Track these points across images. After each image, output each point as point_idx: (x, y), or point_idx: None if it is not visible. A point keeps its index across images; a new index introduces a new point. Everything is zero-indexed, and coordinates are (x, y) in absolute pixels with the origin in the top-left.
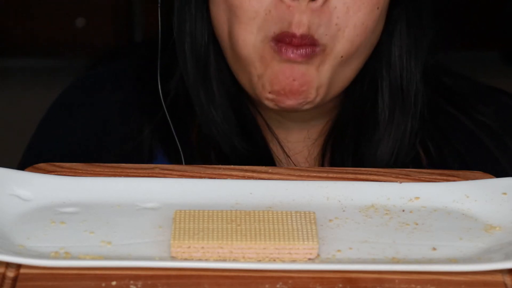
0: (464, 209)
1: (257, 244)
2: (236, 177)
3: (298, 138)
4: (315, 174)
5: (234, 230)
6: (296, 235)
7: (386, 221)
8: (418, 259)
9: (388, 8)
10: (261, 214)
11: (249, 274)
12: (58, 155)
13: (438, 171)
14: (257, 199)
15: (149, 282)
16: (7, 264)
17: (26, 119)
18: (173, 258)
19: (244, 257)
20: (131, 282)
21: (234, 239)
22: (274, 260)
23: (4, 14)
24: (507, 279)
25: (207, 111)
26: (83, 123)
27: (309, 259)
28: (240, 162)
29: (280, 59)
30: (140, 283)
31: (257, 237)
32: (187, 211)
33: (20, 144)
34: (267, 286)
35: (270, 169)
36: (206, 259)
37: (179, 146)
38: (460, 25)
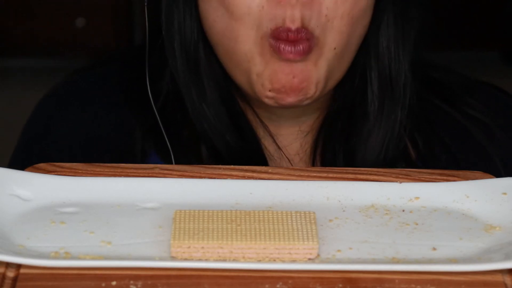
0: (464, 209)
1: (257, 244)
2: (236, 177)
3: (290, 132)
4: (315, 174)
5: (234, 230)
6: (296, 235)
7: (386, 221)
8: (418, 259)
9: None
10: (261, 214)
11: (249, 274)
12: (48, 156)
13: (438, 171)
14: (257, 199)
15: (149, 282)
16: (7, 264)
17: (26, 120)
18: (173, 258)
19: (244, 257)
20: (131, 282)
21: (234, 239)
22: (274, 260)
23: (4, 14)
24: (507, 279)
25: (199, 108)
26: (73, 123)
27: (309, 259)
28: (232, 158)
29: (279, 58)
30: (140, 283)
31: (257, 237)
32: (187, 211)
33: None
34: (267, 286)
35: (270, 169)
36: (206, 259)
37: (169, 146)
38: (460, 25)
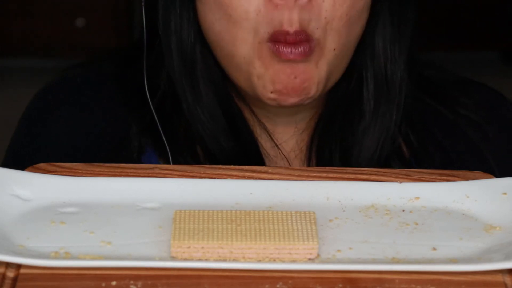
0: (464, 209)
1: (257, 244)
2: (236, 177)
3: (286, 130)
4: (315, 174)
5: (234, 230)
6: (296, 235)
7: (386, 221)
8: (418, 259)
9: (372, 0)
10: (261, 214)
11: (249, 274)
12: (42, 153)
13: (438, 171)
14: (257, 199)
15: (149, 282)
16: (7, 264)
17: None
18: (173, 258)
19: (244, 257)
20: (131, 282)
21: (234, 239)
22: (274, 260)
23: (4, 14)
24: (507, 279)
25: (193, 110)
26: (67, 120)
27: (309, 259)
28: (227, 160)
29: (280, 60)
30: (140, 283)
31: (257, 237)
32: (187, 211)
33: None
34: (267, 286)
35: (270, 169)
36: (206, 259)
37: (166, 143)
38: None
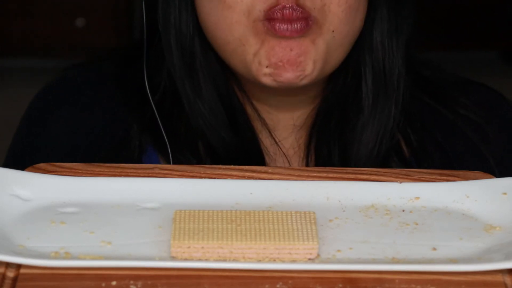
0: (464, 209)
1: (257, 244)
2: (236, 177)
3: (285, 126)
4: (315, 174)
5: (234, 230)
6: (296, 235)
7: (386, 221)
8: (418, 259)
9: None
10: (261, 214)
11: (249, 274)
12: (43, 153)
13: (438, 171)
14: (257, 199)
15: (149, 282)
16: (7, 264)
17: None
18: (173, 258)
19: (244, 257)
20: (131, 282)
21: (234, 239)
22: (274, 260)
23: (4, 14)
24: (507, 279)
25: (194, 104)
26: (67, 119)
27: (309, 259)
28: (228, 153)
29: (275, 35)
30: (140, 283)
31: (257, 237)
32: (187, 211)
33: None
34: (267, 286)
35: (270, 169)
36: (206, 259)
37: (166, 140)
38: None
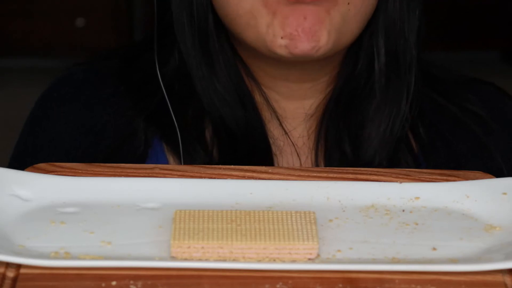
0: (464, 209)
1: (257, 244)
2: (236, 177)
3: (295, 115)
4: (315, 174)
5: (234, 230)
6: (296, 235)
7: (386, 221)
8: (418, 259)
9: None
10: (261, 214)
11: (249, 274)
12: (50, 151)
13: (438, 171)
14: (257, 199)
15: (149, 282)
16: (7, 264)
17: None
18: (173, 258)
19: (244, 257)
20: (131, 282)
21: (234, 239)
22: (274, 260)
23: (4, 14)
24: (507, 279)
25: (208, 80)
26: (73, 118)
27: (309, 259)
28: (240, 130)
29: (288, 3)
30: (140, 283)
31: (257, 237)
32: (187, 211)
33: None
34: (267, 286)
35: (270, 169)
36: (206, 259)
37: (175, 123)
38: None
